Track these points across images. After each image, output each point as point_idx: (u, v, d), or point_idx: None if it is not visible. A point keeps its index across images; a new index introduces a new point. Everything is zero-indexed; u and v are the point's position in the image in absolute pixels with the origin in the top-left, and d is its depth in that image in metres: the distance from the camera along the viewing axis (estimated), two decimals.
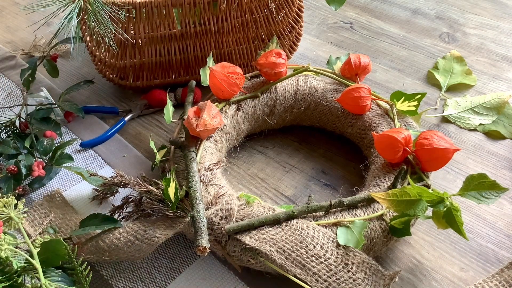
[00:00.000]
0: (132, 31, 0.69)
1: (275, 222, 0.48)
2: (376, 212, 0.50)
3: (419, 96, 0.60)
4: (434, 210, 0.47)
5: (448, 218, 0.46)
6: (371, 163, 0.59)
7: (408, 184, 0.50)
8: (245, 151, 0.66)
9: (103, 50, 0.72)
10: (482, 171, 0.62)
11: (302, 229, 0.47)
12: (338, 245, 0.47)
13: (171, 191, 0.49)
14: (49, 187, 0.61)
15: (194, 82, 0.68)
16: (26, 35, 0.91)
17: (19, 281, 0.44)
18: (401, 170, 0.52)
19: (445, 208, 0.46)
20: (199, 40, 0.72)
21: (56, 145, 0.63)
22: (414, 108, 0.60)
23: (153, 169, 0.62)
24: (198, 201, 0.49)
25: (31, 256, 0.45)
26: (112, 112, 0.74)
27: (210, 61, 0.64)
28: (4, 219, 0.48)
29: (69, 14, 0.60)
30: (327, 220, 0.49)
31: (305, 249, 0.46)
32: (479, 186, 0.47)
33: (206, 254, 0.45)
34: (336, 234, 0.47)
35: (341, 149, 0.66)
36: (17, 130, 0.66)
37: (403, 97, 0.61)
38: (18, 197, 0.56)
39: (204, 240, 0.45)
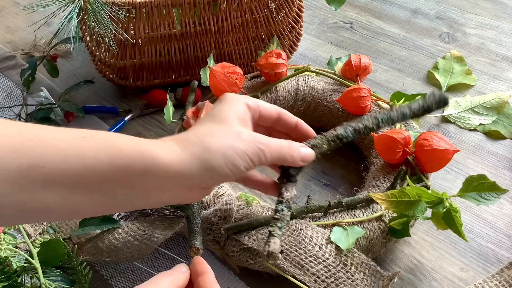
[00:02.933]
0: (132, 31, 0.69)
1: None
2: (375, 213, 0.50)
3: (419, 96, 0.60)
4: (434, 211, 0.47)
5: (448, 219, 0.46)
6: (371, 163, 0.58)
7: (408, 185, 0.50)
8: None
9: (103, 50, 0.72)
10: (482, 171, 0.61)
11: (301, 229, 0.47)
12: (337, 245, 0.47)
13: None
14: None
15: (196, 82, 0.68)
16: (26, 35, 0.91)
17: (18, 281, 0.44)
18: (400, 171, 0.52)
19: (444, 209, 0.46)
20: (199, 40, 0.72)
21: None
22: None
23: None
24: None
25: (31, 255, 0.45)
26: (112, 112, 0.74)
27: (211, 61, 0.64)
28: None
29: (69, 14, 0.60)
30: (326, 221, 0.49)
31: (303, 249, 0.46)
32: (478, 187, 0.46)
33: (199, 255, 0.45)
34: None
35: (341, 149, 0.65)
36: None
37: (403, 98, 0.61)
38: None
39: (198, 241, 0.44)
